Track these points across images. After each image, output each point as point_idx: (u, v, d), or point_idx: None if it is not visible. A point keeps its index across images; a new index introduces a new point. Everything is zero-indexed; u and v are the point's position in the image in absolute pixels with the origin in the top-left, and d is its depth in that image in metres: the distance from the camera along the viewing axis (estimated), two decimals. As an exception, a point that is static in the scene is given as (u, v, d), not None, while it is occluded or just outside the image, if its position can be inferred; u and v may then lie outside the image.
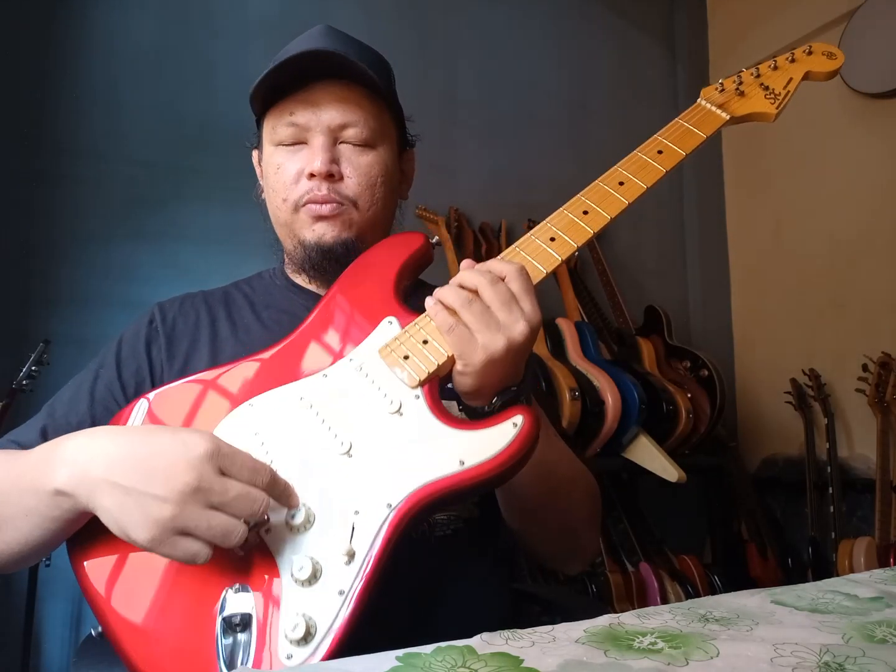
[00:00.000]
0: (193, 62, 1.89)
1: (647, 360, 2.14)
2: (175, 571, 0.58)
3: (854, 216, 2.21)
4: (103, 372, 0.82)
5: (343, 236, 0.82)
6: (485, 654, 0.41)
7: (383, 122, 0.85)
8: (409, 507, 0.57)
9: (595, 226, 0.70)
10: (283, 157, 0.83)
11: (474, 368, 0.61)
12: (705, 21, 2.76)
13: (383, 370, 0.64)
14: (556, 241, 0.69)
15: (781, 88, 0.81)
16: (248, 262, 1.05)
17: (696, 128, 0.78)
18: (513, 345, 0.60)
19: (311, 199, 0.81)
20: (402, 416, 0.62)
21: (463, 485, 0.57)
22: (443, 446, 0.59)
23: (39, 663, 1.50)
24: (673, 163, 0.75)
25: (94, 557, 0.61)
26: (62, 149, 1.72)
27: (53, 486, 0.57)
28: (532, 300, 0.62)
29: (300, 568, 0.55)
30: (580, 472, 0.83)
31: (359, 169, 0.82)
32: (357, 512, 0.57)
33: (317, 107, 0.81)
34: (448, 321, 0.61)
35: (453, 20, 2.30)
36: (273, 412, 0.65)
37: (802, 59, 0.83)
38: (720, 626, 0.46)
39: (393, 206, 0.90)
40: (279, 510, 0.57)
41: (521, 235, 0.70)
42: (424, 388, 0.63)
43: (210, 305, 0.88)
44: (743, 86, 0.82)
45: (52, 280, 1.68)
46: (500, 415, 0.60)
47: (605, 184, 0.73)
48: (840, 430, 2.18)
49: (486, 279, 0.62)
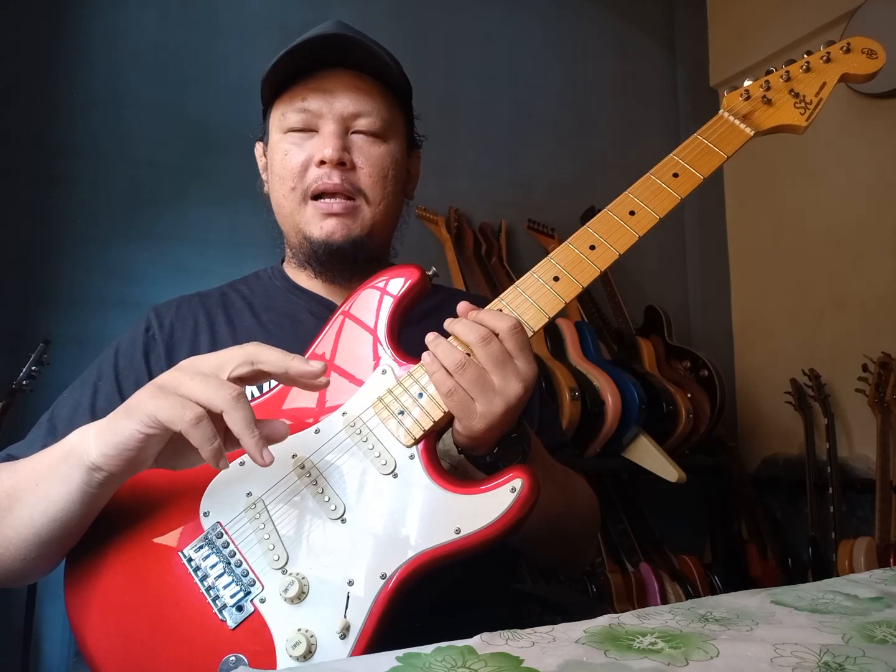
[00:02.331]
0: (195, 62, 1.89)
1: (647, 360, 2.14)
2: (174, 644, 0.57)
3: (854, 216, 2.21)
4: (102, 385, 0.79)
5: (353, 235, 0.80)
6: (485, 654, 0.41)
7: (395, 116, 0.84)
8: (404, 577, 0.56)
9: (603, 263, 0.65)
10: (292, 145, 0.81)
11: (472, 433, 0.60)
12: (705, 21, 2.76)
13: (377, 426, 0.62)
14: (560, 280, 0.64)
15: (813, 96, 0.73)
16: (249, 262, 1.04)
17: (717, 146, 0.71)
18: (510, 406, 0.58)
19: (322, 188, 0.79)
20: (396, 477, 0.60)
21: (459, 553, 0.56)
22: (439, 513, 0.57)
23: (39, 664, 1.50)
24: (690, 188, 0.69)
25: (93, 626, 0.60)
26: (62, 149, 1.72)
27: (88, 462, 0.57)
28: (527, 356, 0.60)
29: (294, 645, 0.54)
30: (577, 492, 0.81)
31: (370, 160, 0.80)
32: (351, 582, 0.56)
33: (330, 94, 0.80)
34: (446, 384, 0.59)
35: (453, 20, 2.30)
36: (265, 471, 0.61)
37: (839, 59, 0.74)
38: (720, 626, 0.46)
39: (401, 203, 0.88)
40: (274, 581, 0.57)
41: (521, 235, 0.69)
42: (420, 445, 0.60)
43: (207, 309, 0.85)
44: (771, 92, 0.74)
45: (52, 280, 1.68)
46: (499, 475, 0.57)
47: (615, 213, 0.67)
48: (840, 430, 2.18)
49: (478, 336, 0.59)
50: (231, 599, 0.58)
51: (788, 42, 2.36)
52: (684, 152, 0.71)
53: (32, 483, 0.61)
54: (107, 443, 0.56)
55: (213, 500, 0.62)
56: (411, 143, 0.90)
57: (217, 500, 0.62)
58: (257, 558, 0.59)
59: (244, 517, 0.61)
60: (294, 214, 0.82)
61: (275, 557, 0.58)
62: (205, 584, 0.59)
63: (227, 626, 0.57)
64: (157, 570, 0.60)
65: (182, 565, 0.60)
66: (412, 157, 0.91)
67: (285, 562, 0.58)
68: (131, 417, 0.56)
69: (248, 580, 0.58)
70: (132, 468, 0.58)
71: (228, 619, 0.57)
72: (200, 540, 0.61)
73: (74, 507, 0.59)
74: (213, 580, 0.59)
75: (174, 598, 0.59)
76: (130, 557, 0.62)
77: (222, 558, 0.60)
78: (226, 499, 0.61)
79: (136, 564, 0.61)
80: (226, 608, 0.58)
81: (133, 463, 0.57)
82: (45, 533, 0.60)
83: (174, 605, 0.59)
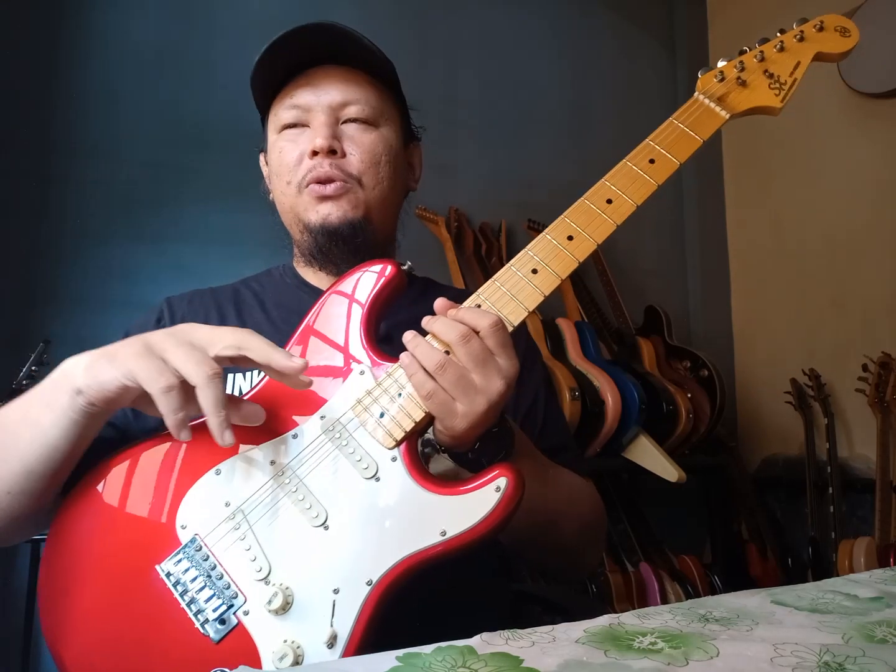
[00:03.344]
0: (193, 62, 1.89)
1: (647, 360, 2.14)
2: (157, 661, 0.56)
3: (854, 216, 2.21)
4: None
5: (349, 216, 0.80)
6: (485, 654, 0.41)
7: (385, 104, 0.85)
8: (390, 582, 0.55)
9: (581, 254, 0.64)
10: (287, 142, 0.83)
11: (454, 433, 0.59)
12: (705, 21, 2.76)
13: (356, 429, 0.60)
14: (539, 273, 0.63)
15: (787, 76, 0.72)
16: (249, 262, 1.05)
17: (693, 130, 0.70)
18: (492, 404, 0.57)
19: (315, 177, 0.80)
20: (378, 481, 0.58)
21: (445, 554, 0.55)
22: (423, 515, 0.56)
23: (39, 664, 1.50)
24: (666, 174, 0.68)
25: (70, 646, 0.59)
26: (62, 149, 1.72)
27: (74, 385, 0.59)
28: (509, 353, 0.59)
29: (281, 657, 0.53)
30: (574, 494, 0.80)
31: (362, 146, 0.81)
32: (336, 590, 0.55)
33: (318, 87, 0.81)
34: (426, 386, 0.58)
35: (453, 20, 2.30)
36: (242, 480, 0.61)
37: (813, 38, 0.73)
38: (720, 626, 0.46)
39: (400, 190, 0.88)
40: (258, 592, 0.56)
41: (520, 235, 0.69)
42: (402, 447, 0.59)
43: (219, 303, 0.87)
44: (745, 73, 0.73)
45: (52, 280, 1.68)
46: (483, 474, 0.57)
47: (592, 202, 0.67)
48: (840, 430, 2.18)
49: (458, 335, 0.58)
50: (213, 613, 0.56)
51: (788, 42, 2.36)
52: (660, 137, 0.70)
53: (22, 412, 0.63)
54: (92, 376, 0.58)
55: (189, 511, 0.61)
56: (409, 134, 0.91)
57: (194, 511, 0.60)
58: (239, 569, 0.57)
59: (223, 528, 0.59)
60: (293, 207, 0.83)
61: (257, 568, 0.57)
62: (185, 599, 0.57)
63: (211, 640, 0.55)
64: (134, 586, 0.59)
65: (160, 580, 0.58)
66: (412, 148, 0.92)
67: (268, 572, 0.57)
68: (114, 366, 0.58)
69: (231, 592, 0.57)
70: (111, 406, 0.60)
71: (211, 632, 0.56)
72: (178, 553, 0.59)
73: (60, 433, 0.60)
74: (193, 594, 0.57)
75: (154, 615, 0.58)
76: (106, 574, 0.60)
77: (202, 571, 0.58)
78: (203, 509, 0.60)
79: (112, 581, 0.60)
80: (208, 622, 0.56)
81: (112, 403, 0.59)
82: (31, 461, 0.61)
83: (154, 621, 0.57)
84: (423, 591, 0.55)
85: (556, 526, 0.75)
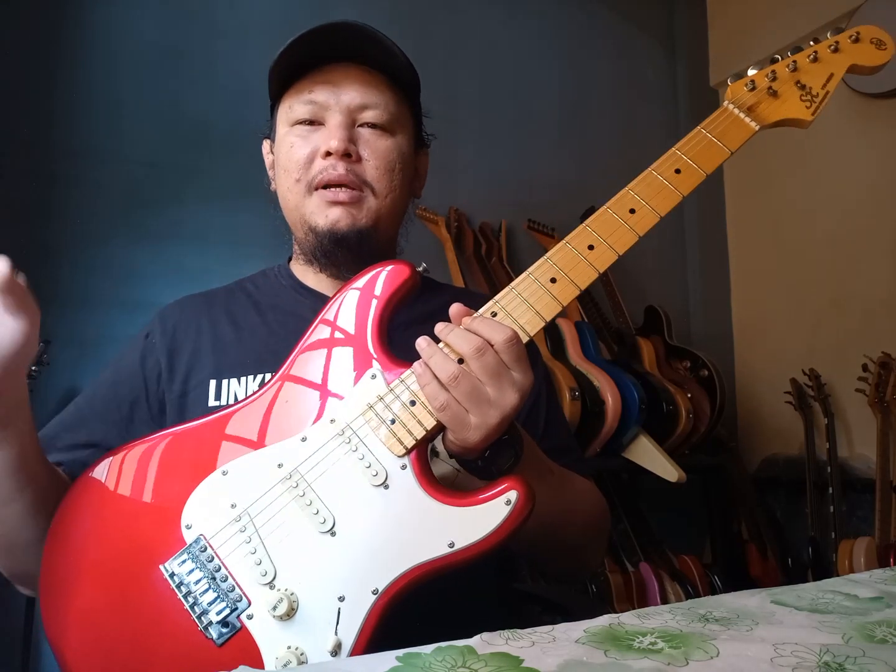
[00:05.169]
0: (194, 62, 1.89)
1: (647, 360, 2.14)
2: (158, 662, 0.56)
3: (854, 216, 2.21)
4: (99, 390, 0.83)
5: (359, 225, 0.79)
6: (485, 654, 0.41)
7: (402, 111, 0.84)
8: (396, 591, 0.55)
9: (602, 264, 0.62)
10: (298, 137, 0.81)
11: (466, 444, 0.58)
12: (705, 21, 2.76)
13: (367, 434, 0.59)
14: (558, 282, 0.61)
15: (820, 88, 0.70)
16: (249, 262, 1.04)
17: (721, 140, 0.67)
18: (505, 416, 0.57)
19: (327, 178, 0.78)
20: (387, 488, 0.58)
21: (452, 566, 0.55)
22: (431, 526, 0.56)
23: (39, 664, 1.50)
24: (692, 185, 0.65)
25: (72, 646, 0.59)
26: (62, 149, 1.72)
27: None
28: (523, 366, 0.57)
29: (285, 664, 0.53)
30: (577, 498, 0.79)
31: (377, 152, 0.80)
32: (342, 598, 0.55)
33: (337, 86, 0.80)
34: (439, 398, 0.57)
35: (453, 20, 2.30)
36: (249, 481, 0.60)
37: (848, 49, 0.72)
38: (720, 626, 0.46)
39: (407, 199, 0.87)
40: (262, 596, 0.55)
41: (521, 235, 0.68)
42: (412, 454, 0.58)
43: (211, 308, 0.85)
44: (777, 83, 0.70)
45: (52, 280, 1.67)
46: (493, 486, 0.56)
47: (615, 211, 0.64)
48: (840, 430, 2.18)
49: (473, 348, 0.56)
50: (217, 616, 0.56)
51: (788, 42, 2.35)
52: (687, 146, 0.67)
53: None
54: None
55: (194, 511, 0.60)
56: (419, 141, 0.89)
57: (199, 511, 0.60)
58: (244, 573, 0.57)
59: (229, 530, 0.59)
60: (299, 206, 0.81)
61: (262, 572, 0.56)
62: (189, 601, 0.57)
63: (214, 644, 0.55)
64: (137, 585, 0.58)
65: (164, 580, 0.58)
66: (420, 155, 0.90)
67: (273, 577, 0.56)
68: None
69: (235, 595, 0.56)
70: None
71: (214, 635, 0.55)
72: (183, 553, 0.58)
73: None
74: (197, 596, 0.57)
75: (156, 615, 0.57)
76: (109, 573, 0.60)
77: (207, 573, 0.57)
78: (208, 510, 0.59)
79: (115, 580, 0.59)
80: (211, 625, 0.56)
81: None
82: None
83: (156, 621, 0.57)
84: (423, 592, 0.55)
85: (561, 529, 0.75)
